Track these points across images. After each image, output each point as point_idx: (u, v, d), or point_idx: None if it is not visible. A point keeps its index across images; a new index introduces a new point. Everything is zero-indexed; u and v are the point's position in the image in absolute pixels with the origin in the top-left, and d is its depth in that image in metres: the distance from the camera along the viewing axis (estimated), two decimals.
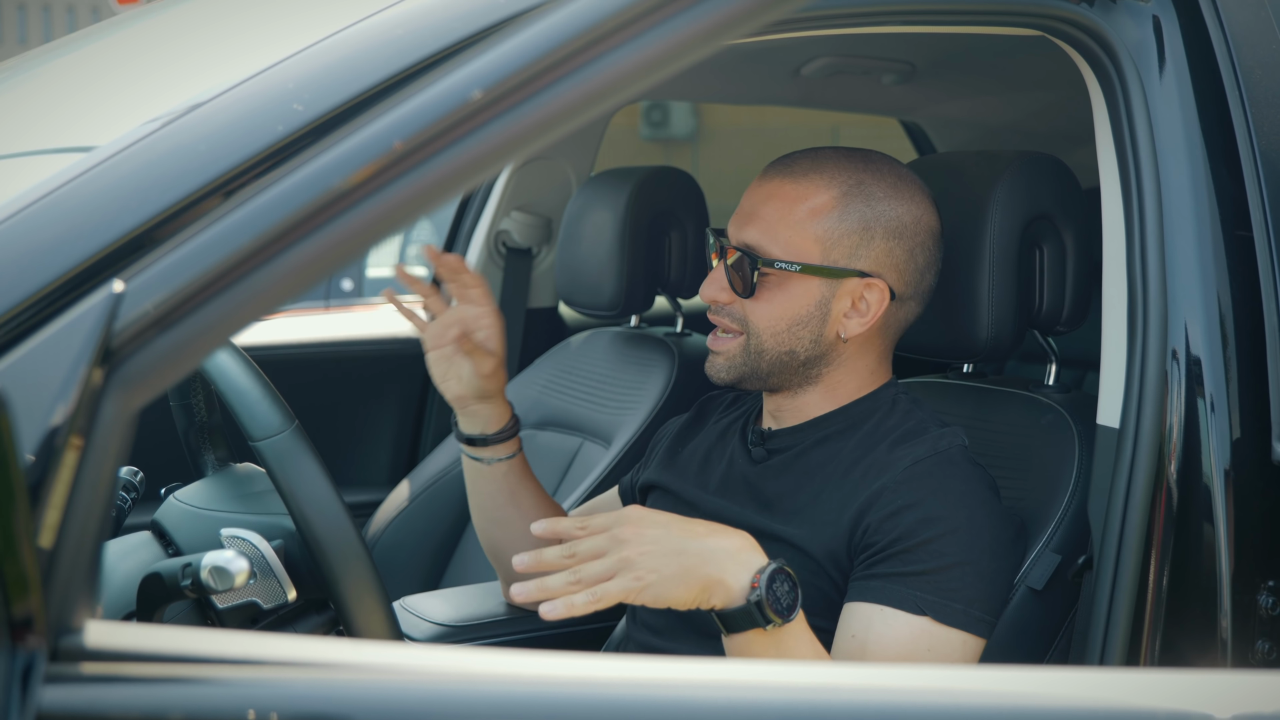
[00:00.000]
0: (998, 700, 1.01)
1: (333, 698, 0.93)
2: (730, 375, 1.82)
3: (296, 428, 1.53)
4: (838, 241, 1.77)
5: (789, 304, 1.79)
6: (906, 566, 1.65)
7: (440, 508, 2.89)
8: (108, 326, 0.94)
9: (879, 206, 1.78)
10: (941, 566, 1.65)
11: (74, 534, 0.92)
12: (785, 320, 1.79)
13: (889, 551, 1.67)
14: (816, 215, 1.77)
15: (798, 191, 1.78)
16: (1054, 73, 2.92)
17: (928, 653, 1.63)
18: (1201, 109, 1.65)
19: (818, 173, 1.79)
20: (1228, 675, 1.13)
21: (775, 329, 1.79)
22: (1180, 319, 1.60)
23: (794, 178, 1.79)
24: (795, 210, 1.78)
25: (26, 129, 1.47)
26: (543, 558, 1.49)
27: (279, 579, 1.56)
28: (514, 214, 3.32)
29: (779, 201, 1.78)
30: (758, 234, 1.78)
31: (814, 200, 1.78)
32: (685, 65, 1.07)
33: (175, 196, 1.03)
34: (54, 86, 1.63)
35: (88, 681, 0.89)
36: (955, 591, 1.64)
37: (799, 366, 1.81)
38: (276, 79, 1.16)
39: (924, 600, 1.63)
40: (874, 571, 1.67)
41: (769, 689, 1.01)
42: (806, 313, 1.78)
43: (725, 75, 3.04)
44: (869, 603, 1.65)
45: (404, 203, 0.99)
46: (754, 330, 1.79)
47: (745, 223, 1.80)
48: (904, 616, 1.63)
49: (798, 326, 1.79)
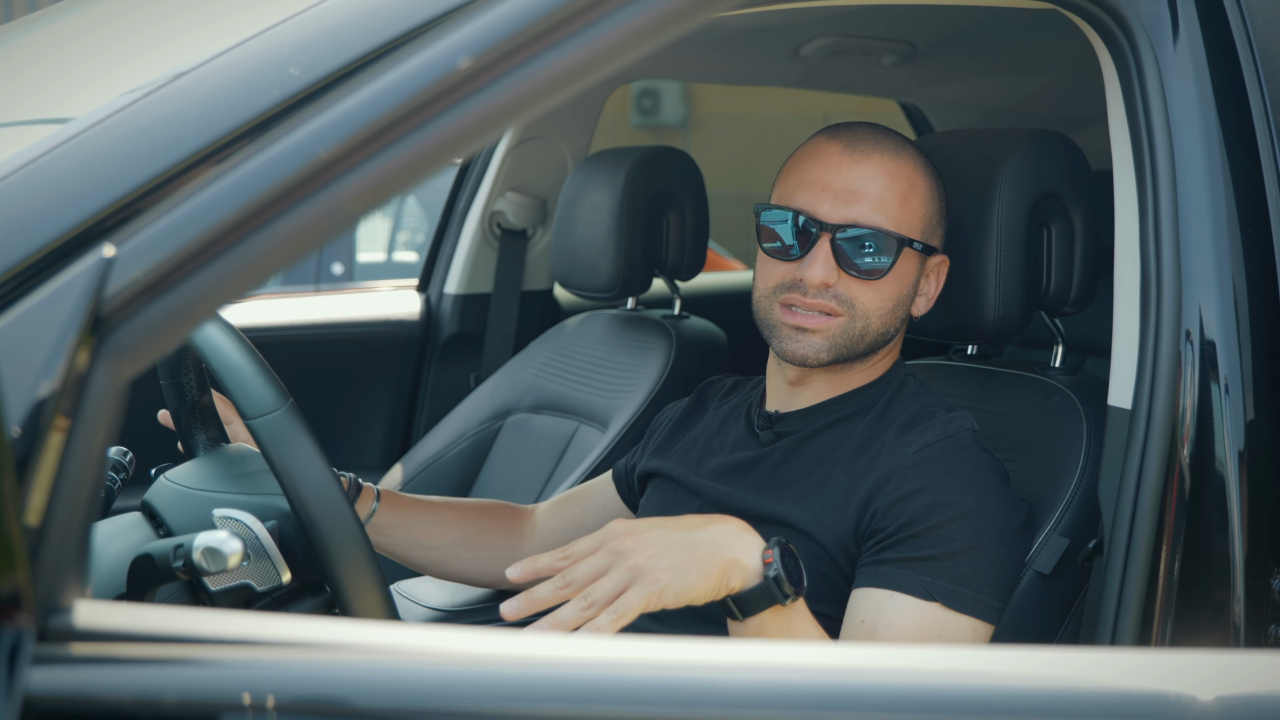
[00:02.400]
0: (975, 681, 0.99)
1: (330, 679, 0.90)
2: (829, 355, 1.75)
3: (291, 405, 1.49)
4: (929, 219, 1.79)
5: (898, 283, 1.77)
6: (916, 551, 1.62)
7: (434, 491, 2.86)
8: (98, 293, 0.90)
9: (942, 187, 1.83)
10: (951, 552, 1.62)
11: (63, 510, 0.89)
12: (893, 300, 1.77)
13: (898, 536, 1.64)
14: (918, 193, 1.77)
15: (900, 168, 1.76)
16: (1055, 55, 2.91)
17: (937, 638, 1.60)
18: (1217, 86, 1.62)
19: (907, 151, 1.78)
20: (1209, 655, 1.12)
21: (884, 309, 1.76)
22: (1194, 299, 1.57)
23: (892, 154, 1.77)
24: (900, 187, 1.75)
25: (12, 99, 1.43)
26: (534, 599, 1.42)
27: (273, 561, 1.52)
28: (509, 195, 3.28)
29: (888, 178, 1.75)
30: (871, 212, 1.73)
31: (915, 178, 1.77)
32: (676, 35, 1.04)
33: (168, 162, 0.99)
34: (41, 56, 1.58)
35: (77, 663, 0.86)
36: (964, 577, 1.62)
37: (881, 344, 1.79)
38: (272, 43, 1.12)
39: (934, 586, 1.61)
40: (883, 557, 1.64)
41: (776, 669, 0.99)
42: (907, 291, 1.79)
43: (724, 55, 3.01)
44: (878, 588, 1.62)
45: (402, 168, 0.95)
46: (861, 311, 1.74)
47: (852, 200, 1.73)
48: (914, 602, 1.60)
49: (899, 306, 1.78)
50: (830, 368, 1.79)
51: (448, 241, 3.38)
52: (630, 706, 0.96)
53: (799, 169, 1.79)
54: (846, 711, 0.96)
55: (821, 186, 1.74)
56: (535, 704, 0.92)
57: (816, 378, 1.81)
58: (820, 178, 1.75)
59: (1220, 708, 0.97)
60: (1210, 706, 0.97)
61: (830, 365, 1.77)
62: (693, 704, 0.97)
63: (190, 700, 0.85)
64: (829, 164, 1.76)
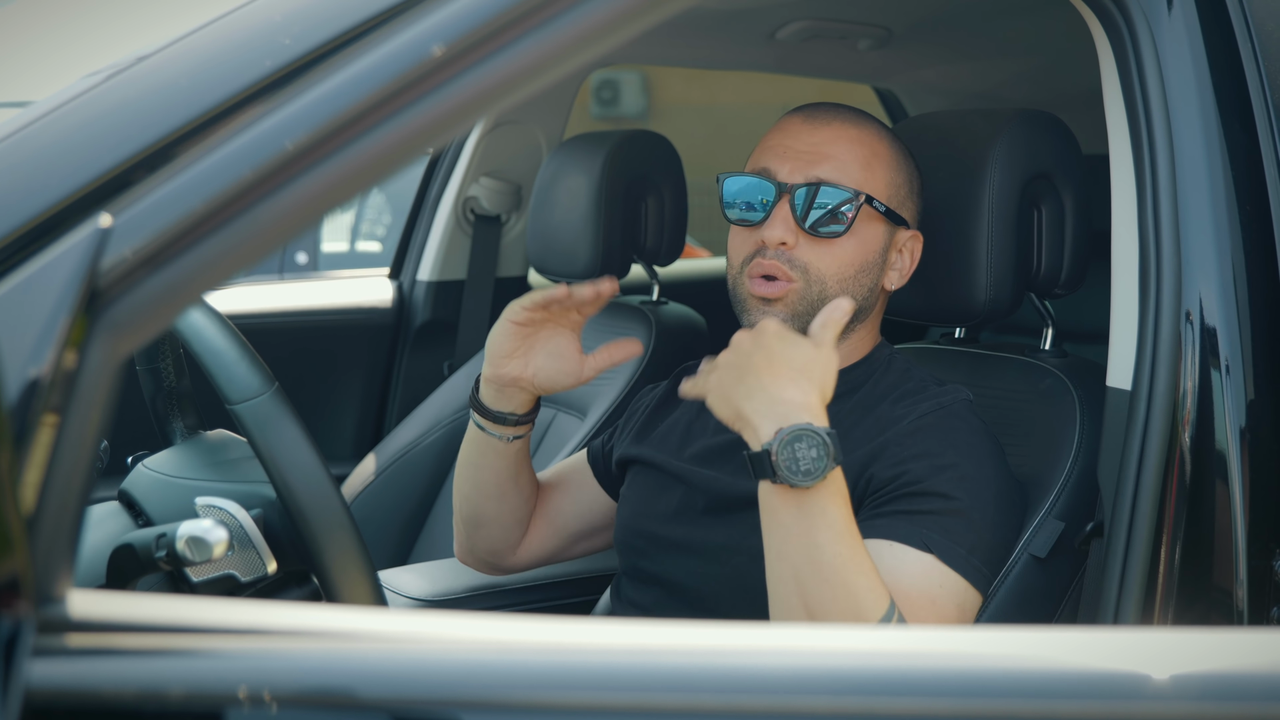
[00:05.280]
0: (926, 662, 0.97)
1: (342, 668, 0.86)
2: (794, 326, 1.71)
3: (277, 390, 1.45)
4: (897, 189, 1.77)
5: (860, 248, 1.74)
6: (913, 505, 1.62)
7: (408, 482, 2.82)
8: (94, 265, 0.86)
9: (913, 164, 1.81)
10: (947, 510, 1.61)
11: (56, 493, 0.84)
12: (854, 265, 1.74)
13: (896, 492, 1.63)
14: (882, 160, 1.76)
15: (862, 135, 1.76)
16: (1033, 40, 2.90)
17: (939, 589, 1.59)
18: (1214, 64, 1.60)
19: (870, 122, 1.78)
20: (1165, 634, 1.11)
21: (842, 273, 1.73)
22: (1194, 279, 1.55)
23: (854, 123, 1.76)
24: (863, 152, 1.75)
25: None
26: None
27: (258, 550, 1.48)
28: (482, 180, 3.23)
29: (849, 143, 1.74)
30: (833, 172, 1.72)
31: (878, 146, 1.77)
32: (657, 22, 1.02)
33: (164, 130, 0.94)
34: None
35: (75, 655, 0.81)
36: (958, 534, 1.61)
37: (851, 319, 1.75)
38: (263, 11, 1.08)
39: (930, 539, 1.60)
40: (881, 510, 1.63)
41: (762, 653, 0.96)
42: (873, 259, 1.76)
43: (699, 39, 2.97)
44: (877, 539, 1.60)
45: (420, 129, 0.91)
46: (817, 276, 1.72)
47: (813, 162, 1.73)
48: (912, 552, 1.59)
49: (863, 274, 1.75)
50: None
51: (420, 228, 3.33)
52: (642, 693, 0.93)
53: (762, 140, 1.81)
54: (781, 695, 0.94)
55: (782, 150, 1.75)
56: (568, 691, 0.88)
57: None
58: (781, 143, 1.76)
59: (1175, 686, 0.96)
60: (1165, 685, 0.96)
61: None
62: (693, 689, 0.94)
63: (196, 693, 0.81)
64: (790, 131, 1.77)
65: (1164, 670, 0.96)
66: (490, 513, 1.94)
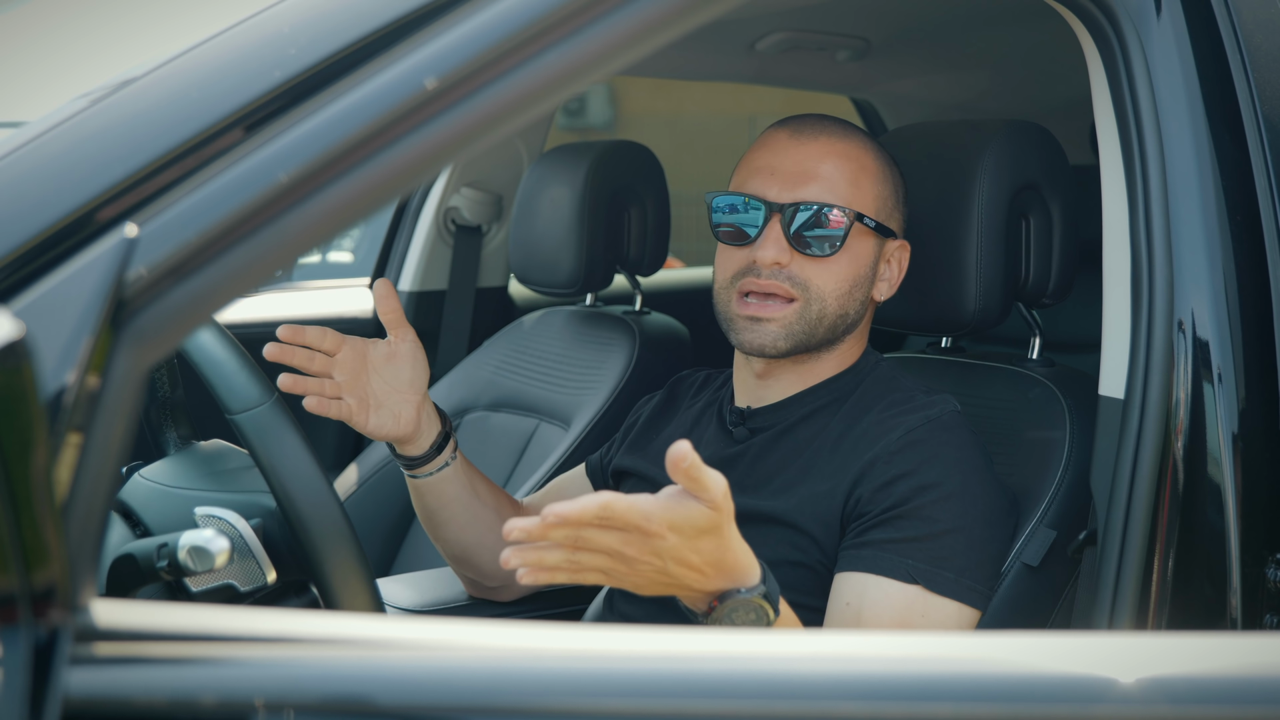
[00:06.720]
0: (891, 667, 0.98)
1: (370, 676, 0.86)
2: (788, 344, 1.74)
3: (277, 399, 1.44)
4: (884, 201, 1.78)
5: (853, 264, 1.76)
6: (899, 533, 1.62)
7: (390, 492, 2.81)
8: (119, 276, 0.85)
9: (898, 172, 1.82)
10: (933, 533, 1.61)
11: (83, 502, 0.84)
12: (849, 281, 1.75)
13: (882, 518, 1.63)
14: (869, 174, 1.77)
15: (849, 150, 1.77)
16: (1012, 51, 2.92)
17: (922, 619, 1.60)
18: (1203, 72, 1.61)
19: (856, 135, 1.79)
20: (1131, 639, 1.12)
21: (839, 290, 1.75)
22: (1186, 288, 1.56)
23: (840, 137, 1.77)
24: (850, 167, 1.76)
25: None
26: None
27: (258, 560, 1.47)
28: (463, 190, 3.23)
29: (837, 159, 1.75)
30: (822, 191, 1.73)
31: (864, 160, 1.78)
32: (650, 51, 1.03)
33: (182, 136, 0.94)
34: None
35: (106, 663, 0.81)
36: (946, 560, 1.61)
37: (843, 331, 1.77)
38: (272, 22, 1.08)
39: (915, 569, 1.60)
40: (865, 539, 1.63)
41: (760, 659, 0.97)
42: (864, 273, 1.77)
43: (678, 50, 2.98)
44: (861, 572, 1.61)
45: (440, 145, 0.91)
46: (816, 293, 1.73)
47: (801, 181, 1.74)
48: (896, 585, 1.60)
49: (856, 288, 1.77)
50: (796, 358, 1.78)
51: (401, 237, 3.32)
52: (651, 699, 0.93)
53: (749, 158, 1.81)
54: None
55: (770, 170, 1.76)
56: (596, 699, 0.89)
57: (783, 369, 1.80)
58: (769, 162, 1.77)
59: (1141, 690, 0.97)
60: (1131, 689, 0.97)
61: (792, 355, 1.76)
62: (704, 694, 0.95)
63: (232, 701, 0.81)
64: (777, 149, 1.78)
65: (1131, 674, 0.97)
66: (471, 540, 1.93)
